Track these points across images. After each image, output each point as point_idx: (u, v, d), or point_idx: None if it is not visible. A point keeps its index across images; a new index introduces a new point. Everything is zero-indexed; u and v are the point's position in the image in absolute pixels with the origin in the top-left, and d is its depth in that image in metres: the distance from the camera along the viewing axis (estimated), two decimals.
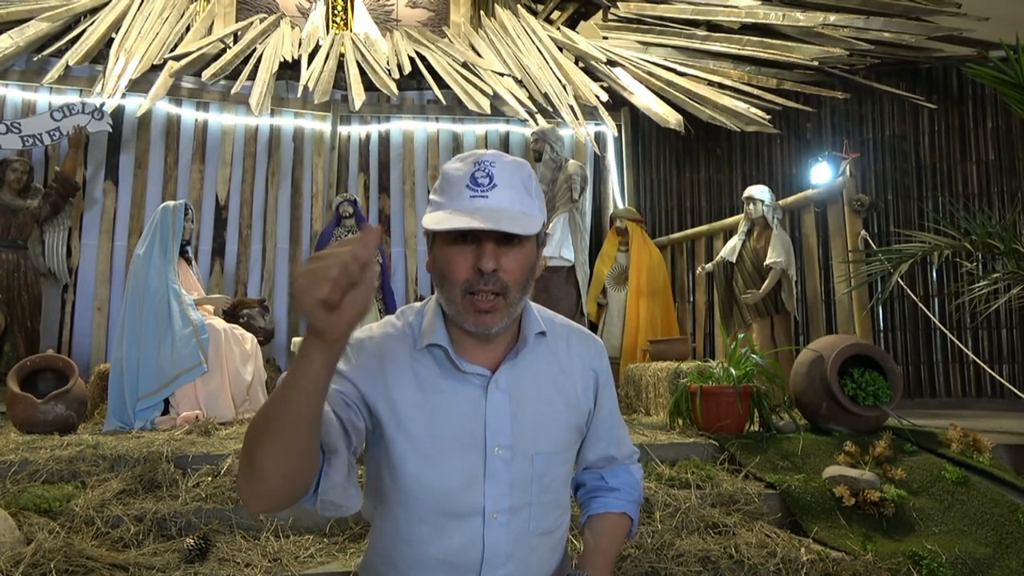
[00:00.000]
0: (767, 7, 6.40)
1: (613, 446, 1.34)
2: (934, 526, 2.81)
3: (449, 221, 1.04)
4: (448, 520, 1.12)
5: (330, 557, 2.42)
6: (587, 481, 1.37)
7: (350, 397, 1.09)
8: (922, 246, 3.93)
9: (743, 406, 3.49)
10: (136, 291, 4.28)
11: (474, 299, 1.07)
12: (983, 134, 6.21)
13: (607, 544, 1.28)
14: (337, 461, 1.02)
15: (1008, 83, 3.58)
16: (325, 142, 6.48)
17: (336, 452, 1.02)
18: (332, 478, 1.01)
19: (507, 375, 1.15)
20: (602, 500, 1.33)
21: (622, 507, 1.33)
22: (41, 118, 5.61)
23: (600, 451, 1.33)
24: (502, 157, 1.10)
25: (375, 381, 1.12)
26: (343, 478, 1.02)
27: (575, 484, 1.40)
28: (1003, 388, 5.26)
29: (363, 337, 1.16)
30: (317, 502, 1.02)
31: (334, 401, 1.06)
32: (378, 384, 1.12)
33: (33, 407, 3.76)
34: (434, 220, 1.06)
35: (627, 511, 1.33)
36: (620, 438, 1.35)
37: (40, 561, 2.19)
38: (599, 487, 1.35)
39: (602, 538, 1.29)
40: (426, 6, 7.07)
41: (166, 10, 6.34)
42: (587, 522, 1.33)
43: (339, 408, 1.06)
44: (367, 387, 1.11)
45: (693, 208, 6.94)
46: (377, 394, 1.11)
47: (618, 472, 1.35)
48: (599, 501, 1.34)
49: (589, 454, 1.32)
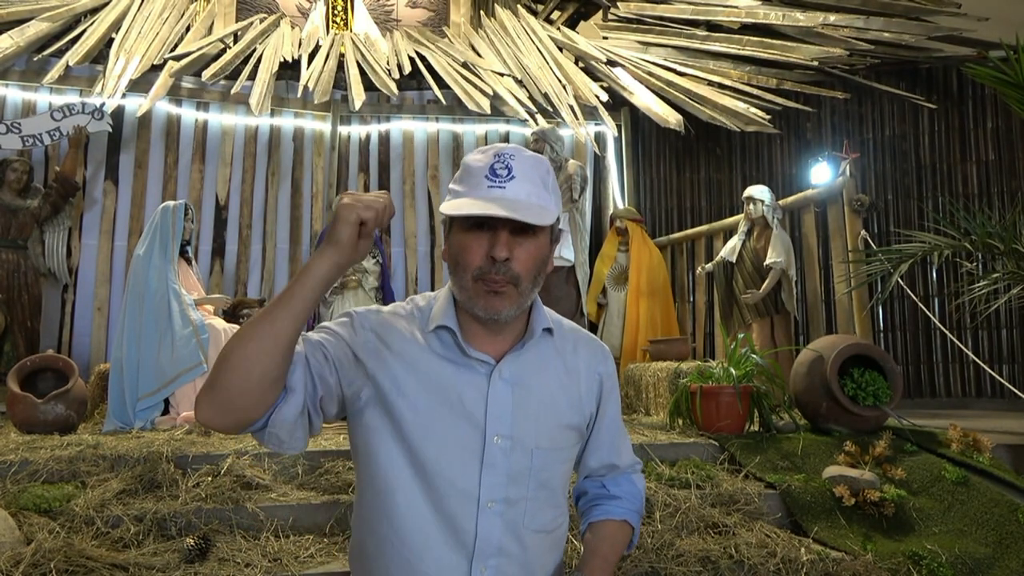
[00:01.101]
0: (767, 7, 6.40)
1: (615, 454, 1.34)
2: (934, 526, 2.81)
3: (467, 208, 1.07)
4: (442, 499, 1.12)
5: (330, 557, 2.42)
6: (589, 490, 1.37)
7: (335, 353, 1.12)
8: (922, 246, 3.93)
9: (743, 406, 3.49)
10: (136, 291, 4.28)
11: (485, 283, 1.10)
12: (983, 134, 6.21)
13: (607, 549, 1.28)
14: (292, 398, 1.07)
15: (1008, 83, 3.58)
16: (325, 142, 6.48)
17: (294, 391, 1.07)
18: (283, 413, 1.06)
19: (511, 365, 1.16)
20: (603, 507, 1.33)
21: (623, 515, 1.32)
22: (41, 118, 5.60)
23: (602, 458, 1.33)
24: (522, 151, 1.13)
25: (379, 354, 1.14)
26: (293, 416, 1.07)
27: (577, 494, 1.40)
28: (1003, 388, 5.25)
29: (370, 312, 1.19)
30: (265, 433, 1.07)
31: (311, 347, 1.11)
32: (382, 357, 1.14)
33: (33, 407, 3.76)
34: (452, 206, 1.09)
35: (628, 519, 1.33)
36: (623, 447, 1.35)
37: (40, 561, 2.18)
38: (600, 495, 1.35)
39: (602, 543, 1.28)
40: (426, 6, 7.07)
41: (166, 10, 6.34)
42: (588, 529, 1.33)
43: (314, 355, 1.10)
44: (369, 359, 1.13)
45: (693, 208, 6.94)
46: (379, 367, 1.13)
47: (620, 481, 1.35)
48: (600, 508, 1.33)
49: (591, 461, 1.32)
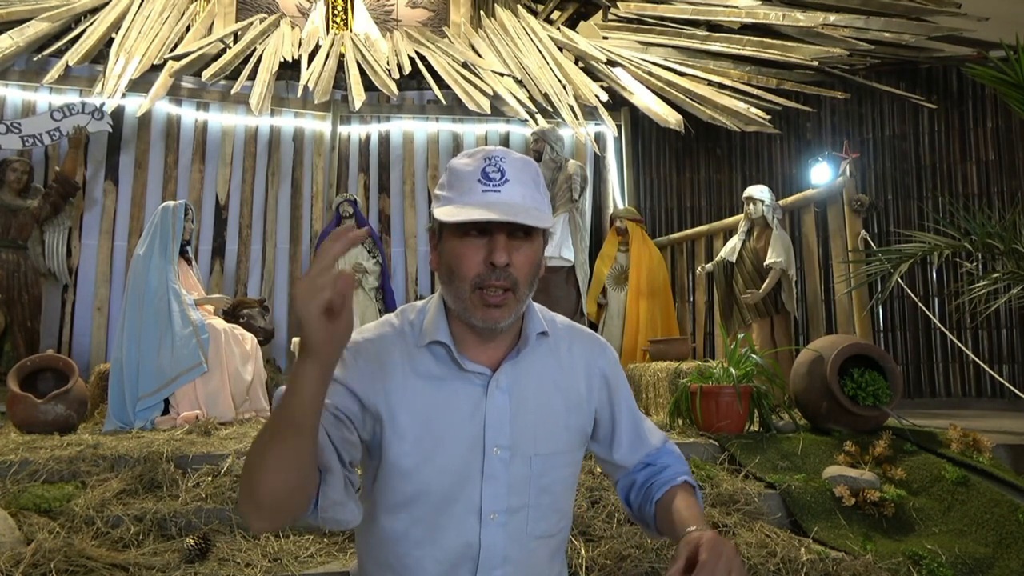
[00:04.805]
0: (767, 7, 6.40)
1: (646, 440, 1.29)
2: (934, 526, 2.81)
3: (464, 214, 1.02)
4: (444, 520, 1.10)
5: (330, 557, 2.42)
6: (636, 478, 1.29)
7: (343, 409, 1.07)
8: (922, 246, 3.93)
9: (743, 406, 3.49)
10: (136, 291, 4.27)
11: (483, 294, 1.06)
12: (983, 134, 6.21)
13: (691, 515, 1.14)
14: (332, 479, 1.02)
15: (1008, 83, 3.58)
16: (325, 142, 6.48)
17: (330, 470, 1.02)
18: (329, 495, 1.02)
19: (508, 374, 1.14)
20: (660, 478, 1.24)
21: (682, 475, 1.24)
22: (41, 118, 5.60)
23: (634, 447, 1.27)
24: (510, 153, 1.10)
25: (374, 383, 1.10)
26: (340, 494, 1.03)
27: (623, 491, 1.31)
28: (1003, 388, 5.25)
29: (359, 339, 1.14)
30: (318, 517, 1.03)
31: (325, 419, 1.05)
32: (377, 386, 1.10)
33: (33, 407, 3.76)
34: (447, 213, 1.04)
35: (687, 479, 1.24)
36: (649, 430, 1.31)
37: (40, 561, 2.18)
38: (650, 476, 1.27)
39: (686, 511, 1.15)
40: (426, 6, 7.07)
41: (166, 10, 6.34)
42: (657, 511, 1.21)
43: (330, 426, 1.05)
44: (365, 390, 1.10)
45: (693, 208, 6.94)
46: (376, 396, 1.10)
47: (659, 454, 1.29)
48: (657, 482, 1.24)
49: (622, 453, 1.27)
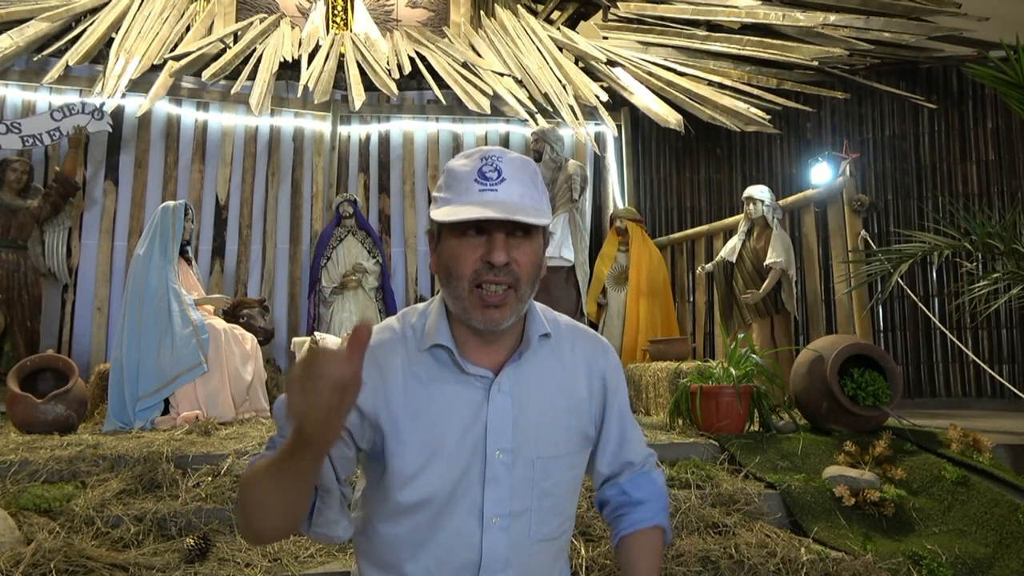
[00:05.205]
0: (767, 7, 6.40)
1: (628, 450, 1.28)
2: (934, 526, 2.81)
3: (461, 213, 1.02)
4: (446, 524, 1.10)
5: (330, 557, 2.42)
6: (611, 499, 1.30)
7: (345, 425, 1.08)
8: (922, 246, 3.93)
9: (743, 406, 3.49)
10: (136, 291, 4.28)
11: (482, 293, 1.05)
12: (983, 134, 6.21)
13: (648, 565, 1.22)
14: (329, 499, 1.06)
15: (1008, 83, 3.58)
16: (325, 142, 6.48)
17: (328, 491, 1.06)
18: (324, 514, 1.06)
19: (510, 377, 1.13)
20: (630, 517, 1.27)
21: (652, 519, 1.26)
22: (41, 118, 5.60)
23: (615, 456, 1.27)
24: (508, 153, 1.09)
25: (374, 391, 1.08)
26: (335, 513, 1.07)
27: (599, 503, 1.34)
28: (1003, 388, 5.25)
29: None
30: (309, 531, 1.07)
31: None
32: (377, 393, 1.09)
33: (33, 407, 3.77)
34: (445, 213, 1.04)
35: (658, 523, 1.27)
36: (635, 440, 1.29)
37: (40, 561, 2.19)
38: (623, 503, 1.28)
39: (640, 562, 1.22)
40: (426, 6, 7.07)
41: (166, 10, 6.34)
42: (620, 545, 1.26)
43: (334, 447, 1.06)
44: (365, 399, 1.08)
45: (693, 208, 6.94)
46: (377, 405, 1.09)
47: (639, 482, 1.29)
48: (627, 519, 1.27)
49: (605, 461, 1.27)
